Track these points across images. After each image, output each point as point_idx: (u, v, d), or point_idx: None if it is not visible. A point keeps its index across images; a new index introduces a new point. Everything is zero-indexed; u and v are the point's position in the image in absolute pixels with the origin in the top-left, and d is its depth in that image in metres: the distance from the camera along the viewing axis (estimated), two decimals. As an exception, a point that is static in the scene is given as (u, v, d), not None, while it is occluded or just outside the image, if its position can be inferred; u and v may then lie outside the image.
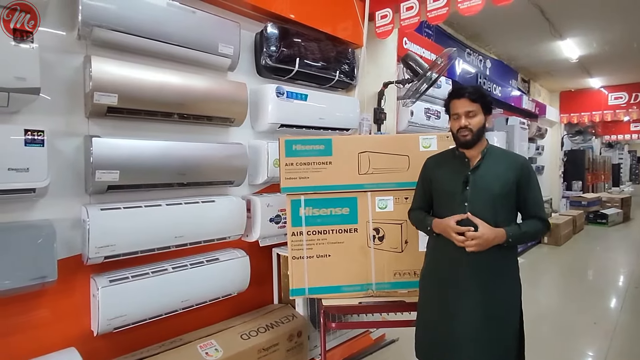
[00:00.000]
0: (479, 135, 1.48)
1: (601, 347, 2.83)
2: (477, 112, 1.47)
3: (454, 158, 1.56)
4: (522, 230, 1.44)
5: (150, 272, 1.74)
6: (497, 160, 1.49)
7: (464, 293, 1.44)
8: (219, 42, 1.96)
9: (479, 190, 1.46)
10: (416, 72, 2.94)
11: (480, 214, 1.43)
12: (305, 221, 1.78)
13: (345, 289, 1.80)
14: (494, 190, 1.45)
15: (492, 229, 1.40)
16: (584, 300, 3.77)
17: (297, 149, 1.76)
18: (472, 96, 1.47)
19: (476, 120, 1.46)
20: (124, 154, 1.61)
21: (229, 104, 2.00)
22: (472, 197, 1.46)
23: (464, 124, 1.47)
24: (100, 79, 1.52)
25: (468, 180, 1.48)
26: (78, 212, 1.61)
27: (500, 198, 1.44)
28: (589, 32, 4.85)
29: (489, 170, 1.47)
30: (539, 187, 1.49)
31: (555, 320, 3.29)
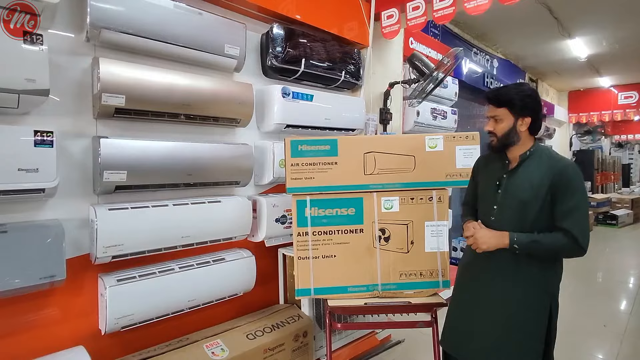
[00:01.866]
0: (506, 140, 1.45)
1: (611, 350, 2.79)
2: (504, 117, 1.44)
3: (499, 159, 1.53)
4: (532, 238, 1.35)
5: (157, 272, 1.75)
6: (537, 164, 1.41)
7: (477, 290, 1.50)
8: (225, 43, 1.97)
9: (509, 195, 1.44)
10: (422, 72, 2.93)
11: (507, 219, 1.43)
12: (311, 221, 1.78)
13: (350, 289, 1.80)
14: (523, 197, 1.40)
15: (491, 232, 1.42)
16: (593, 303, 3.72)
17: (303, 149, 1.76)
18: (494, 102, 1.46)
19: (501, 126, 1.45)
20: (131, 155, 1.63)
21: (235, 105, 2.01)
22: (501, 201, 1.46)
23: (488, 128, 1.49)
24: (108, 81, 1.54)
25: (501, 183, 1.47)
26: (86, 212, 1.63)
27: (530, 205, 1.38)
28: (599, 31, 4.79)
29: (525, 175, 1.42)
30: (580, 197, 1.34)
31: (564, 322, 3.24)
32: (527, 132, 1.46)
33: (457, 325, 1.56)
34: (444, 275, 1.83)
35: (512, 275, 1.42)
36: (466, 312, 1.53)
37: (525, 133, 1.46)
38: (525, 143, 1.47)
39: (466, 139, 1.83)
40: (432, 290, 1.83)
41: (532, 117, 1.43)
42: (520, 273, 1.41)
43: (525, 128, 1.45)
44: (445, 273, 1.83)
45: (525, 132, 1.45)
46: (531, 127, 1.45)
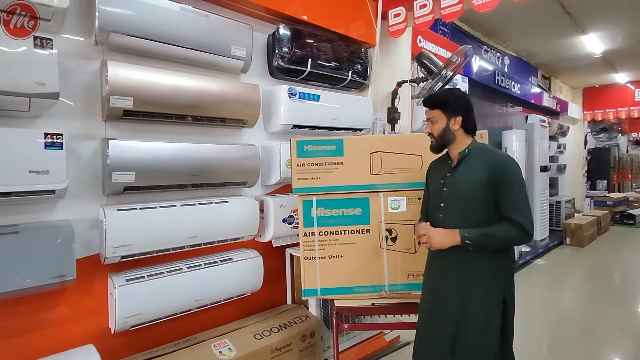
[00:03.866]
0: (442, 139, 1.54)
1: (627, 353, 2.72)
2: (438, 118, 1.54)
3: (444, 161, 1.60)
4: (481, 232, 1.40)
5: (165, 272, 1.77)
6: (475, 161, 1.48)
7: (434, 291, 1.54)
8: (232, 45, 1.98)
9: (453, 192, 1.51)
10: (430, 71, 2.90)
11: (453, 216, 1.49)
12: (317, 222, 1.78)
13: (357, 290, 1.79)
14: (465, 192, 1.46)
15: (443, 231, 1.47)
16: (609, 304, 3.63)
17: (309, 149, 1.76)
18: (428, 104, 1.57)
19: (436, 127, 1.54)
20: (139, 156, 1.65)
21: (242, 106, 2.02)
22: (447, 198, 1.52)
23: (427, 130, 1.58)
24: (116, 83, 1.56)
25: (445, 181, 1.53)
26: (96, 212, 1.66)
27: (474, 200, 1.44)
28: (614, 26, 4.67)
29: (464, 172, 1.49)
30: (519, 187, 1.42)
31: (579, 324, 3.18)
32: (463, 132, 1.54)
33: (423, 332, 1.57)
34: (452, 275, 1.80)
35: (465, 272, 1.45)
36: (428, 316, 1.56)
37: (460, 132, 1.53)
38: (461, 142, 1.54)
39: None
40: (440, 291, 1.81)
41: (463, 116, 1.51)
42: (472, 269, 1.45)
43: (458, 127, 1.52)
44: (454, 274, 1.80)
45: (460, 132, 1.53)
46: (465, 127, 1.53)
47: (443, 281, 1.50)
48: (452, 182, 1.51)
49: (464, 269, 1.45)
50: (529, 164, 5.12)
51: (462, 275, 1.45)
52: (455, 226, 1.45)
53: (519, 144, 4.81)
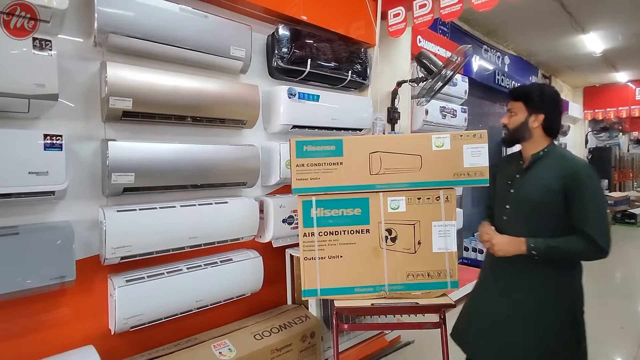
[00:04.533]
0: (516, 133, 1.48)
1: (629, 353, 2.71)
2: (518, 111, 1.47)
3: (515, 159, 1.55)
4: (549, 243, 1.34)
5: (165, 273, 1.77)
6: (548, 165, 1.41)
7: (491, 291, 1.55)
8: (231, 45, 1.98)
9: (521, 196, 1.45)
10: (430, 71, 2.90)
11: (518, 220, 1.44)
12: (317, 222, 1.77)
13: (357, 290, 1.79)
14: (533, 198, 1.40)
15: (507, 238, 1.43)
16: (610, 304, 3.62)
17: (308, 149, 1.76)
18: (511, 95, 1.50)
19: (514, 119, 1.48)
20: (138, 157, 1.65)
21: (241, 106, 2.02)
22: (513, 201, 1.47)
23: (503, 121, 1.54)
24: (115, 84, 1.56)
25: (513, 182, 1.48)
26: (96, 213, 1.66)
27: (539, 207, 1.38)
28: (614, 25, 4.67)
29: (536, 175, 1.43)
30: (596, 199, 1.32)
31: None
32: (541, 131, 1.45)
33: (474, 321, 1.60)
34: (452, 275, 1.80)
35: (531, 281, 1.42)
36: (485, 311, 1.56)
37: (539, 131, 1.45)
38: (538, 142, 1.46)
39: (474, 138, 1.79)
40: (440, 291, 1.80)
41: (546, 115, 1.43)
42: (537, 278, 1.41)
43: (537, 125, 1.44)
44: (454, 274, 1.80)
45: (539, 130, 1.45)
46: (546, 127, 1.44)
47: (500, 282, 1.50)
48: (520, 185, 1.45)
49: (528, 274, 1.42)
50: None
51: (524, 281, 1.42)
52: (519, 232, 1.40)
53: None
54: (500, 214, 1.52)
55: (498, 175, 1.63)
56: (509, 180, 1.50)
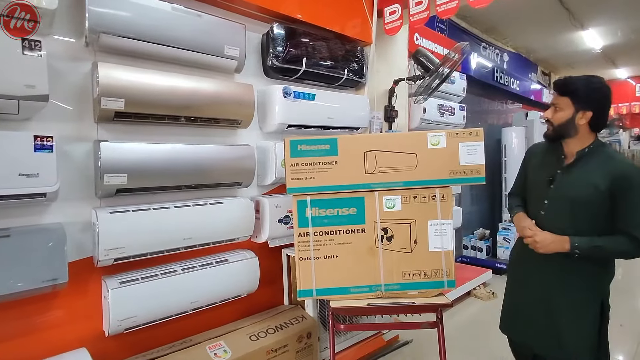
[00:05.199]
0: (561, 130, 1.43)
1: (629, 350, 2.70)
2: (564, 106, 1.41)
3: (554, 151, 1.51)
4: (594, 243, 1.34)
5: (159, 274, 1.76)
6: (595, 163, 1.38)
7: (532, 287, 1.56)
8: (225, 45, 1.97)
9: (562, 192, 1.43)
10: (427, 68, 2.88)
11: (558, 217, 1.43)
12: (312, 222, 1.76)
13: (353, 290, 1.77)
14: (575, 196, 1.38)
15: (552, 236, 1.41)
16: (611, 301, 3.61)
17: (303, 149, 1.75)
18: (558, 89, 1.43)
19: (559, 115, 1.43)
20: (131, 158, 1.64)
21: (236, 106, 2.01)
22: (553, 197, 1.45)
23: (545, 116, 1.48)
24: (106, 85, 1.55)
25: (555, 178, 1.45)
26: (89, 215, 1.65)
27: (582, 206, 1.37)
28: (613, 21, 4.64)
29: (580, 173, 1.40)
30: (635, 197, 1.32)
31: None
32: (587, 127, 1.41)
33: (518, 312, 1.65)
34: (448, 275, 1.79)
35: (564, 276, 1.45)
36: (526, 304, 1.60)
37: (585, 127, 1.41)
38: (584, 138, 1.42)
39: (470, 135, 1.78)
40: (436, 290, 1.79)
41: (594, 112, 1.38)
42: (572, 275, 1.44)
43: (585, 122, 1.39)
44: (450, 273, 1.79)
45: (585, 127, 1.41)
46: (592, 123, 1.40)
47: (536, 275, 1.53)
48: (563, 181, 1.43)
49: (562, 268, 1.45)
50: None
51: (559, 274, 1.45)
52: (559, 228, 1.40)
53: (518, 141, 4.78)
54: (536, 208, 1.50)
55: (532, 166, 1.59)
56: (549, 176, 1.46)
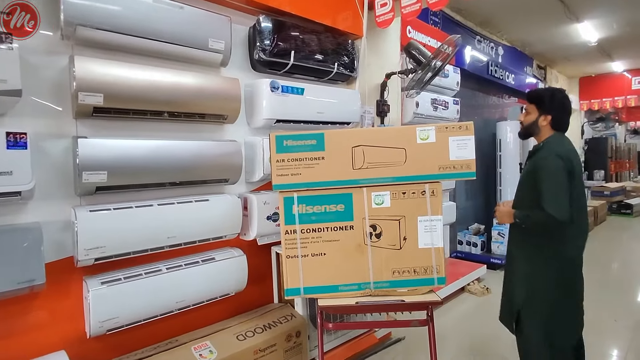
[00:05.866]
0: (528, 130, 1.87)
1: (622, 345, 2.68)
2: (531, 111, 1.84)
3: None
4: (525, 214, 1.75)
5: (143, 273, 1.72)
6: (538, 154, 1.76)
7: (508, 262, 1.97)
8: (209, 38, 1.91)
9: (520, 177, 1.89)
10: (419, 62, 2.83)
11: (516, 195, 1.89)
12: (299, 219, 1.72)
13: (342, 288, 1.74)
14: (522, 180, 1.86)
15: (506, 208, 1.86)
16: (606, 296, 3.60)
17: (288, 144, 1.70)
18: (528, 97, 1.87)
19: (528, 118, 1.86)
20: (111, 155, 1.59)
21: (222, 101, 1.96)
22: (519, 182, 1.89)
23: (519, 118, 1.93)
24: (84, 79, 1.50)
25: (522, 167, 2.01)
26: (69, 214, 1.60)
27: (524, 187, 1.82)
28: (608, 13, 4.59)
29: (530, 163, 1.80)
30: (548, 181, 1.66)
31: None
32: (549, 128, 1.80)
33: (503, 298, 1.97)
34: (439, 272, 1.76)
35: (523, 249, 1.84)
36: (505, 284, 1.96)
37: (547, 128, 1.81)
38: (544, 136, 1.82)
39: (459, 129, 1.74)
40: (426, 287, 1.76)
41: (553, 116, 1.78)
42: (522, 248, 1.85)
43: (546, 123, 1.80)
44: (441, 269, 1.76)
45: (547, 128, 1.81)
46: (554, 124, 1.80)
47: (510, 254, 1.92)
48: (524, 169, 1.87)
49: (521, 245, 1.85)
50: (524, 156, 5.05)
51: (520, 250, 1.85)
52: (516, 205, 1.84)
53: (513, 136, 4.74)
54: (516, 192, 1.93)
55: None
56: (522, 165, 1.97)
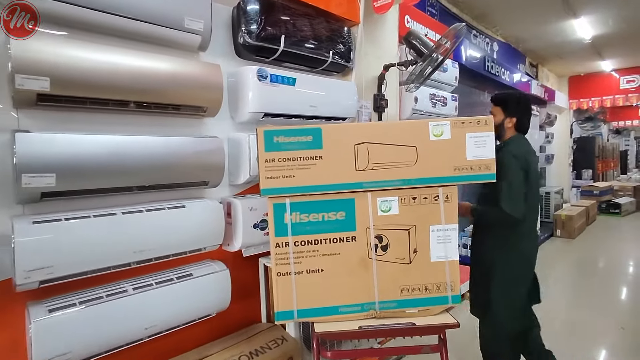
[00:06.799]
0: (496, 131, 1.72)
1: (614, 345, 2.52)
2: (497, 114, 1.89)
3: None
4: (480, 208, 1.89)
5: (104, 295, 1.43)
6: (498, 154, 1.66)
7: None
8: (185, 16, 1.63)
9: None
10: (420, 52, 2.59)
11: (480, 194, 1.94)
12: (292, 229, 1.46)
13: (342, 309, 1.49)
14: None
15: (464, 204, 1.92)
16: (599, 299, 3.46)
17: (280, 141, 1.43)
18: (494, 100, 1.92)
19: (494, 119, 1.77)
20: (62, 153, 1.29)
21: (200, 90, 1.68)
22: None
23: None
24: (22, 58, 1.20)
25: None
26: (7, 226, 1.29)
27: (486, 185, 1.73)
28: (606, 9, 4.47)
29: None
30: (503, 177, 1.68)
31: (569, 322, 2.98)
32: (513, 129, 1.88)
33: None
34: (453, 289, 1.52)
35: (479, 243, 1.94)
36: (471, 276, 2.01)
37: (511, 130, 1.88)
38: (505, 137, 1.89)
39: (478, 125, 1.51)
40: (440, 307, 1.52)
41: (518, 119, 1.87)
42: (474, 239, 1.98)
43: (511, 125, 1.87)
44: (455, 286, 1.52)
45: (511, 129, 1.88)
46: (517, 126, 1.88)
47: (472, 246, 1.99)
48: None
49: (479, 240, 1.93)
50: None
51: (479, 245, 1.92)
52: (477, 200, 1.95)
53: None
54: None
55: None
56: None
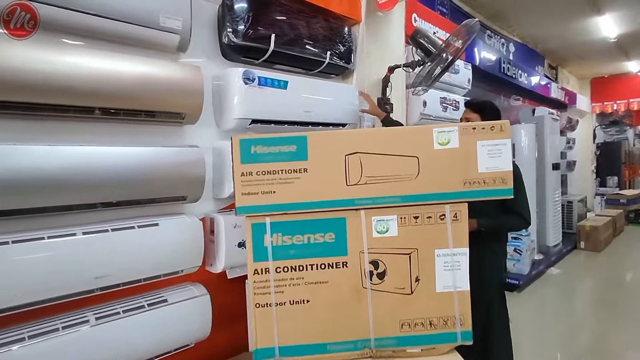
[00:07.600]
0: None
1: None
2: (474, 119, 1.86)
3: None
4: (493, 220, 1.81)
5: (61, 328, 1.26)
6: None
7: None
8: (160, 14, 1.47)
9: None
10: (428, 52, 2.38)
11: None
12: (273, 254, 1.26)
13: (331, 347, 1.28)
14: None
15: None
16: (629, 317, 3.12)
17: (258, 151, 1.25)
18: (472, 107, 1.94)
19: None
20: (7, 167, 1.14)
21: (178, 94, 1.52)
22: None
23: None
24: (-42, 59, 1.05)
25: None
26: (-54, 250, 1.14)
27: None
28: (633, 5, 4.16)
29: None
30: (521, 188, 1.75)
31: (607, 349, 2.67)
32: None
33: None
34: (463, 324, 1.29)
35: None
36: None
37: None
38: None
39: (491, 131, 1.28)
40: (447, 345, 1.30)
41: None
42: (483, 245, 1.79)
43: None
44: (466, 321, 1.29)
45: None
46: None
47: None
48: None
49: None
50: (539, 161, 4.60)
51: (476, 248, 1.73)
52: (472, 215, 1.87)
53: (528, 140, 4.29)
54: None
55: None
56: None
